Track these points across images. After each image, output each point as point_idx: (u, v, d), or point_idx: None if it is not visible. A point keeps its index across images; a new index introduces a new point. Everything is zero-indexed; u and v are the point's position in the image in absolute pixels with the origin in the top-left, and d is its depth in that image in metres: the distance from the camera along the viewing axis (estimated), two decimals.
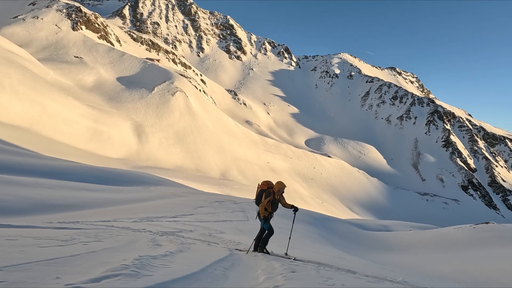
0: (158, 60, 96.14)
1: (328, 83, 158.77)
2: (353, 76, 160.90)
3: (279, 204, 5.72)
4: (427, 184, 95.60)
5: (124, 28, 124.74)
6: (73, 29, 75.33)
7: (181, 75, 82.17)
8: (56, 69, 52.35)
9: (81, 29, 79.11)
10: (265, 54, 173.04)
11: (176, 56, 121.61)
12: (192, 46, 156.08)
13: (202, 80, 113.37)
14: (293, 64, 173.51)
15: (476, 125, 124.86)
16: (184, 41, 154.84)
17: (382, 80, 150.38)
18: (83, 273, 2.69)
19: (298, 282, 3.28)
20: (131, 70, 63.37)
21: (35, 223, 5.88)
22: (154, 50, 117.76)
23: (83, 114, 40.02)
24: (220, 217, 11.20)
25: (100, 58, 63.55)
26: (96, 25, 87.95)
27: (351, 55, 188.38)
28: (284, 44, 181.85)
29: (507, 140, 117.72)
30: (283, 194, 5.76)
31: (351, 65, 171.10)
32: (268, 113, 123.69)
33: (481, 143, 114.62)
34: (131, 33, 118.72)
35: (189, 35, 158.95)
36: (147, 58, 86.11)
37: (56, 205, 9.75)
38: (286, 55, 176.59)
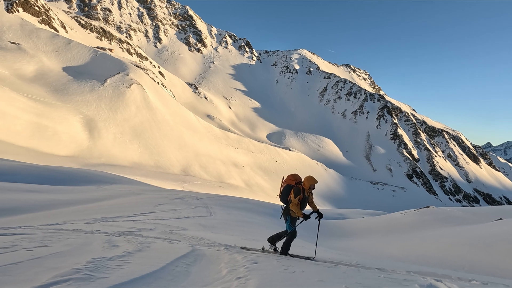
0: (110, 50, 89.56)
1: (288, 78, 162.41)
2: (311, 72, 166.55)
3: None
4: (378, 174, 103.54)
5: (70, 13, 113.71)
6: (8, 11, 66.75)
7: (137, 66, 77.72)
8: None
9: (18, 11, 70.46)
10: (226, 47, 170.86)
11: (131, 46, 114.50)
12: (148, 36, 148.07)
13: (160, 72, 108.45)
14: (254, 58, 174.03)
15: (419, 119, 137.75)
16: (139, 30, 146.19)
17: (338, 76, 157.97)
18: (28, 281, 2.45)
19: (260, 272, 3.35)
20: (79, 59, 58.19)
21: None
22: (106, 39, 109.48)
23: (23, 107, 35.91)
24: (182, 214, 10.94)
25: (42, 45, 57.28)
26: (36, 7, 78.93)
27: (309, 52, 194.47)
28: (245, 38, 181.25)
29: (444, 133, 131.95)
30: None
31: (310, 61, 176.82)
32: (229, 107, 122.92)
33: (423, 136, 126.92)
34: (79, 19, 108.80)
35: (145, 24, 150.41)
36: (97, 47, 79.70)
37: None
38: (247, 49, 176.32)
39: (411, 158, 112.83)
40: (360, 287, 2.90)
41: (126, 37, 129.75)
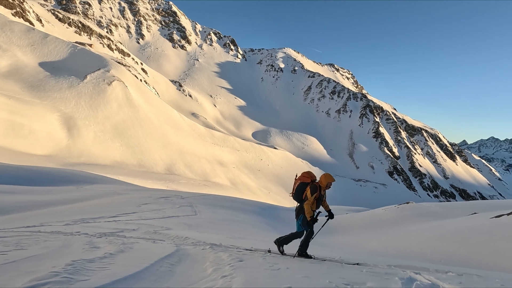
0: (90, 45, 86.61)
1: (274, 77, 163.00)
2: (296, 71, 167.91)
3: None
4: (360, 171, 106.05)
5: (47, 6, 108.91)
6: None
7: (119, 62, 75.58)
8: None
9: None
10: (211, 45, 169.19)
11: (112, 41, 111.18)
12: (130, 32, 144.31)
13: (143, 69, 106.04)
14: (239, 56, 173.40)
15: (399, 118, 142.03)
16: (121, 26, 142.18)
17: (322, 75, 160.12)
18: (2, 286, 2.34)
19: (245, 270, 3.36)
20: (57, 54, 55.88)
21: None
22: (85, 34, 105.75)
23: None
24: (166, 213, 10.78)
25: (16, 39, 54.54)
26: None
27: (294, 50, 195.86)
28: (230, 36, 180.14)
29: (423, 131, 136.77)
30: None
31: (295, 60, 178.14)
32: (214, 105, 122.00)
33: (403, 134, 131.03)
34: (56, 13, 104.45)
35: (126, 20, 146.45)
36: (76, 42, 76.89)
37: None
38: (232, 47, 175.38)
39: (392, 156, 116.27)
40: (343, 282, 2.96)
41: (107, 32, 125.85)
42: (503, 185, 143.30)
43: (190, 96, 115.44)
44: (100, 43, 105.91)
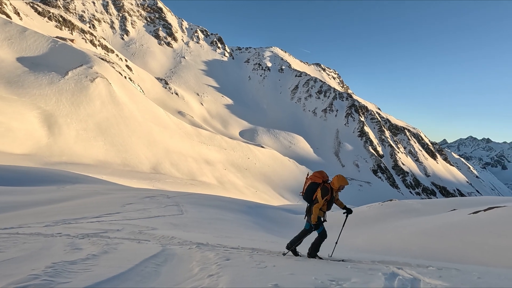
0: (72, 40, 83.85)
1: (261, 76, 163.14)
2: (283, 70, 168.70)
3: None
4: (346, 169, 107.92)
5: None
6: None
7: (102, 59, 73.58)
8: None
9: None
10: (197, 42, 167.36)
11: (95, 37, 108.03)
12: (114, 28, 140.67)
13: (127, 66, 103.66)
14: (227, 54, 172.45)
15: (383, 117, 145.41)
16: (104, 21, 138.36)
17: (309, 75, 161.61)
18: None
19: (232, 268, 3.36)
20: (36, 49, 53.77)
21: None
22: (67, 28, 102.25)
23: None
24: (152, 213, 10.61)
25: None
26: None
27: (281, 50, 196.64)
28: (217, 34, 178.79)
29: (406, 130, 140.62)
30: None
31: (282, 59, 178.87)
32: (201, 103, 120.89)
33: (387, 133, 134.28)
34: (35, 6, 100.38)
35: (110, 15, 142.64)
36: (57, 37, 74.21)
37: None
38: (219, 45, 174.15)
39: (376, 154, 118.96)
40: (328, 278, 3.01)
41: (90, 27, 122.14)
42: (480, 183, 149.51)
43: (177, 94, 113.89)
44: (82, 38, 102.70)
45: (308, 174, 4.91)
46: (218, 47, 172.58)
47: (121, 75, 76.41)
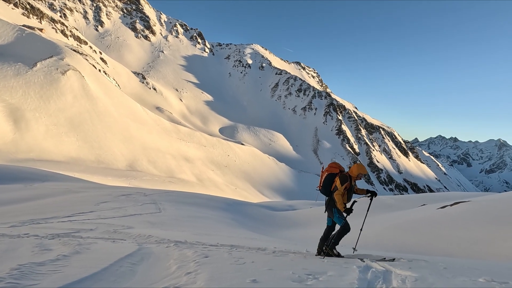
0: (41, 30, 78.98)
1: (241, 73, 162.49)
2: (264, 68, 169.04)
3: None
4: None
5: None
6: None
7: (74, 50, 70.03)
8: None
9: None
10: (177, 37, 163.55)
11: (67, 27, 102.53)
12: (87, 18, 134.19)
13: (102, 58, 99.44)
14: (207, 50, 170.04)
15: (360, 116, 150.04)
16: (77, 11, 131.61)
17: (289, 73, 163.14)
18: None
19: (210, 265, 3.33)
20: (0, 38, 50.21)
21: None
22: (35, 17, 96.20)
23: None
24: (128, 212, 10.30)
25: None
26: None
27: (262, 47, 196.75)
28: (197, 29, 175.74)
29: (380, 129, 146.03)
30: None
31: (263, 56, 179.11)
32: (180, 99, 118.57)
33: (363, 132, 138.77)
34: None
35: (83, 4, 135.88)
36: (24, 25, 69.62)
37: None
38: (199, 40, 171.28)
39: (352, 152, 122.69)
40: (305, 272, 3.07)
41: (61, 16, 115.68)
42: (448, 179, 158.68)
43: (155, 89, 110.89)
44: (53, 28, 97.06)
45: (323, 167, 4.72)
46: (198, 43, 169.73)
47: (95, 68, 73.19)
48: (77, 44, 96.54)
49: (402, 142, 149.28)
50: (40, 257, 3.47)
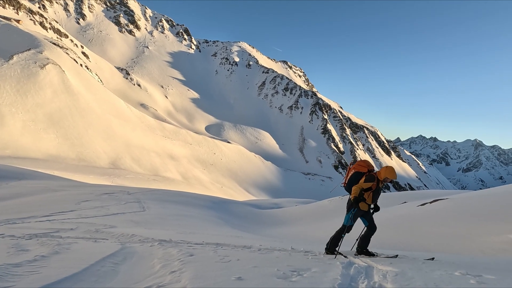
0: (18, 21, 75.45)
1: (228, 70, 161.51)
2: (251, 66, 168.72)
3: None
4: (309, 165, 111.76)
5: None
6: None
7: (54, 43, 67.36)
8: None
9: None
10: (162, 32, 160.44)
11: (46, 19, 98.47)
12: (68, 10, 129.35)
13: (83, 53, 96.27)
14: (193, 47, 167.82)
15: (345, 116, 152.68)
16: (57, 2, 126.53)
17: (276, 72, 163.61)
18: None
19: (195, 264, 3.31)
20: None
21: None
22: (11, 7, 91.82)
23: None
24: (110, 211, 10.05)
25: None
26: None
27: (249, 45, 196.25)
28: (183, 25, 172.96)
29: (364, 129, 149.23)
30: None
31: (250, 54, 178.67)
32: (166, 96, 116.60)
33: (348, 131, 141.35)
34: None
35: None
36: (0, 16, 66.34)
37: None
38: (185, 36, 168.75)
39: (337, 151, 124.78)
40: (290, 269, 3.11)
41: (39, 8, 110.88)
42: (427, 177, 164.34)
43: (139, 85, 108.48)
44: (31, 19, 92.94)
45: (351, 164, 4.46)
46: (185, 39, 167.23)
47: (76, 62, 70.75)
48: (57, 37, 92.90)
49: (385, 142, 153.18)
50: (16, 258, 3.33)
